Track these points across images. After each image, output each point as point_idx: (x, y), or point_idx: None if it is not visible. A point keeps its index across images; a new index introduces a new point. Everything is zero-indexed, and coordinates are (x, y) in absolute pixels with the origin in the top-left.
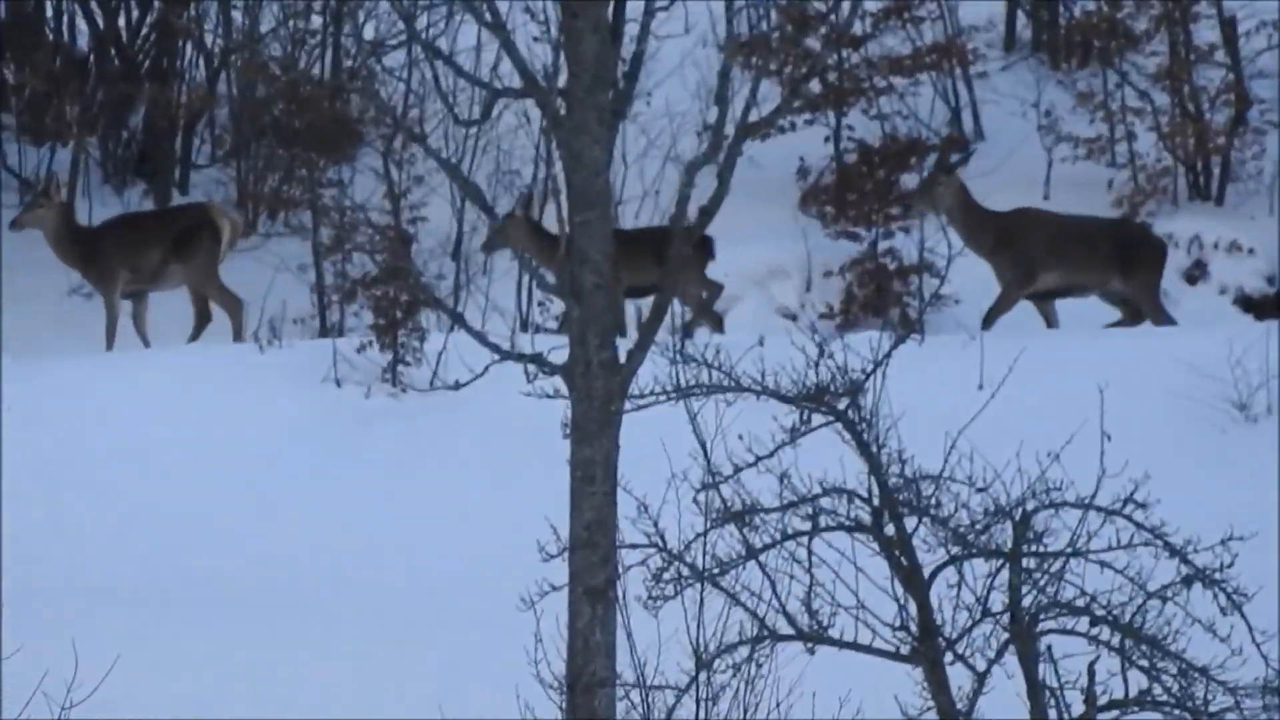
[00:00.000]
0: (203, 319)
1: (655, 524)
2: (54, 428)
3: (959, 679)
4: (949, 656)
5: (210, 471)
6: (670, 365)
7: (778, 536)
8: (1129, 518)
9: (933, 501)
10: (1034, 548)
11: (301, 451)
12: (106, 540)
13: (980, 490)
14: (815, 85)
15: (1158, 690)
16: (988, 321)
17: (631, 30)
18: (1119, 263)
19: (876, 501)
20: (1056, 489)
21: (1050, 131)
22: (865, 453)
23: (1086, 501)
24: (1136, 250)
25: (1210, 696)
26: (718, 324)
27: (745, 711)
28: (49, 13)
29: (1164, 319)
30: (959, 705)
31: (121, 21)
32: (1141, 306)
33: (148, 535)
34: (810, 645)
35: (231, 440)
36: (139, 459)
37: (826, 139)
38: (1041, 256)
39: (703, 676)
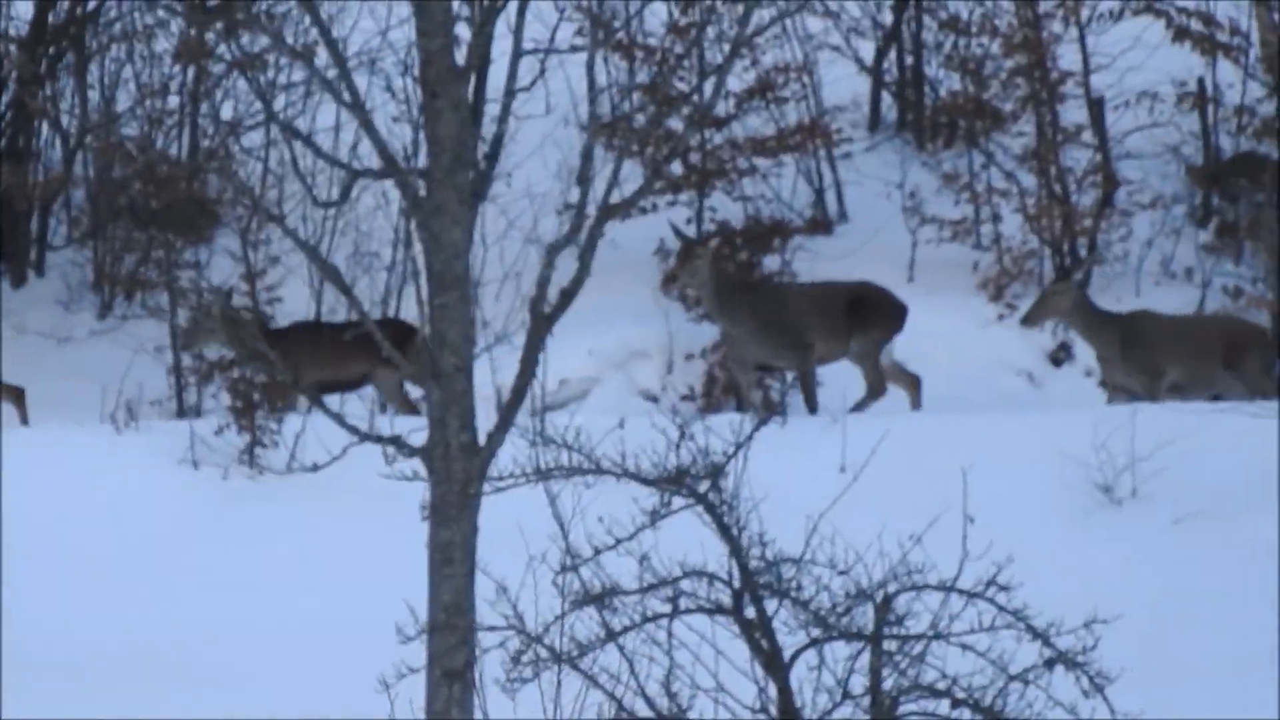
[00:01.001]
0: (13, 396)
1: (514, 606)
2: None
3: None
4: None
5: (65, 552)
6: (530, 447)
7: (637, 619)
8: (991, 600)
9: (794, 584)
10: (895, 630)
11: (158, 533)
12: None
13: (842, 573)
14: (677, 166)
15: None
16: (811, 405)
17: (492, 110)
18: (848, 325)
19: (737, 584)
20: (918, 571)
21: (915, 213)
22: (726, 535)
23: (949, 584)
24: (869, 310)
25: None
26: (414, 409)
27: None
28: None
29: (878, 381)
30: None
31: None
32: (863, 367)
33: None
34: None
35: (87, 521)
36: None
37: (689, 220)
38: (809, 327)
39: None
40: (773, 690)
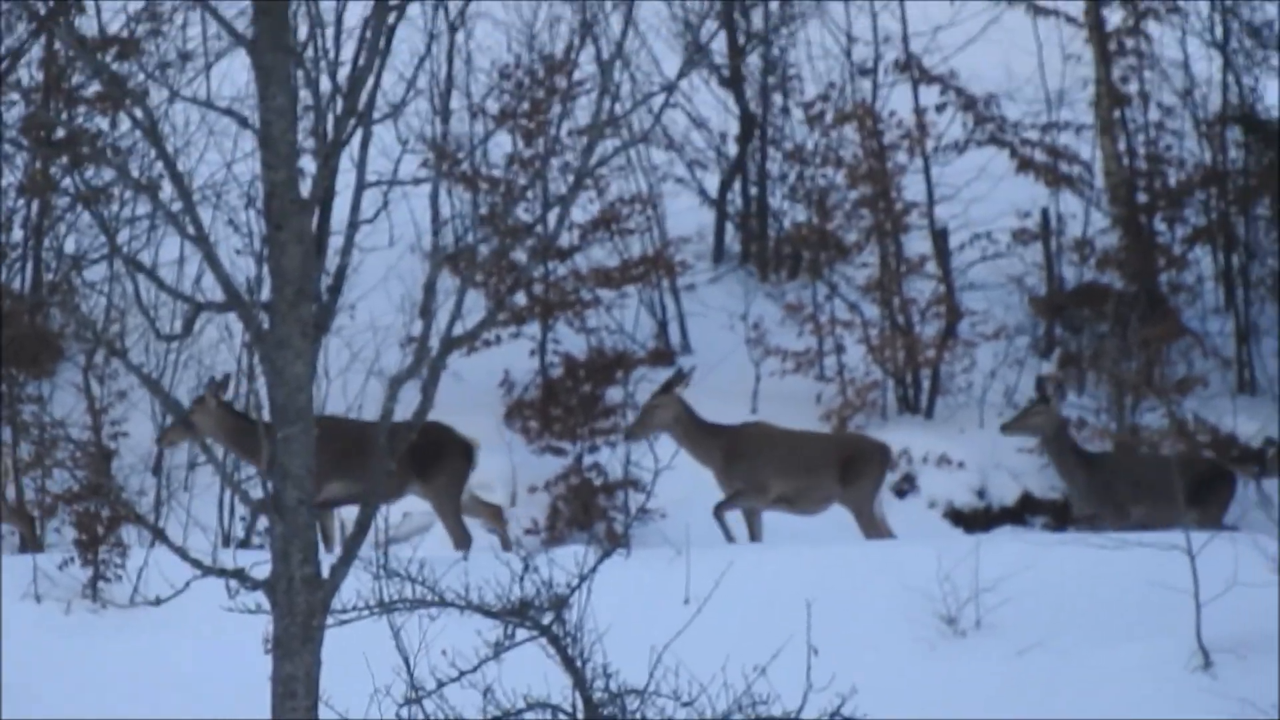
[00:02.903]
0: None
1: None
2: None
3: None
4: None
5: None
6: (374, 580)
7: None
8: None
9: (638, 716)
10: None
11: (2, 667)
12: None
13: (686, 704)
14: (521, 297)
15: None
16: (330, 544)
17: (336, 242)
18: (416, 468)
19: (581, 716)
20: (763, 703)
21: (758, 344)
22: (570, 667)
23: (793, 716)
24: (435, 452)
25: None
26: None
27: None
28: None
29: (460, 532)
30: None
31: None
32: (440, 513)
33: None
34: None
35: None
36: None
37: (532, 352)
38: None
39: None
40: None
